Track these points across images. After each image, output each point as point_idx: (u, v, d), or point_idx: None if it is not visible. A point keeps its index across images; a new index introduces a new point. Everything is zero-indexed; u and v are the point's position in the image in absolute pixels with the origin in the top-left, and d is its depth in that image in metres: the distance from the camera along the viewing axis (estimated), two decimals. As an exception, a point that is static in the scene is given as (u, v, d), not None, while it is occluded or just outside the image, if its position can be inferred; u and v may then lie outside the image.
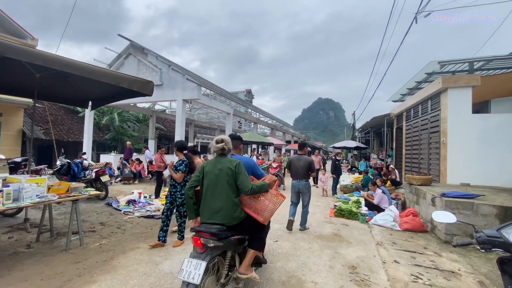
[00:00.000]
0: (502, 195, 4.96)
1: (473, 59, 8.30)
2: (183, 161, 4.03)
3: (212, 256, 2.19)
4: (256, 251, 2.59)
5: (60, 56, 3.11)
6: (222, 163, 2.52)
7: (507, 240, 1.57)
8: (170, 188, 4.13)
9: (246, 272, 2.47)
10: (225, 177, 2.44)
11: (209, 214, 2.39)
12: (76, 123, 17.17)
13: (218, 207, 2.38)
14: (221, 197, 2.41)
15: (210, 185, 2.47)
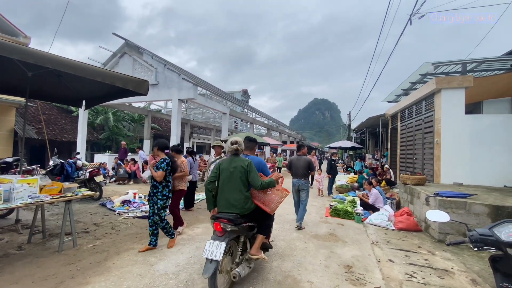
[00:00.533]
0: (494, 195, 5.03)
1: (466, 60, 8.41)
2: (165, 159, 3.81)
3: (230, 239, 2.61)
4: (264, 236, 3.02)
5: (52, 54, 3.06)
6: (236, 161, 2.96)
7: (498, 239, 1.59)
8: (151, 189, 3.86)
9: (256, 253, 2.90)
10: (238, 174, 2.86)
11: (225, 204, 2.83)
12: (70, 122, 16.96)
13: (233, 199, 2.81)
14: (235, 191, 2.83)
15: (225, 180, 2.90)
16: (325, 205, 7.28)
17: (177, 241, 4.14)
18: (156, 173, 3.72)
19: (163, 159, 3.81)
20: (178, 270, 3.15)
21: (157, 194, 3.78)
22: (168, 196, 3.87)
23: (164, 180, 3.82)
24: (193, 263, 3.35)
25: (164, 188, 3.82)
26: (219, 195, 2.92)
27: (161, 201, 3.75)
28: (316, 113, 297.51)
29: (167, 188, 3.87)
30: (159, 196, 3.77)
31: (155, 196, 3.78)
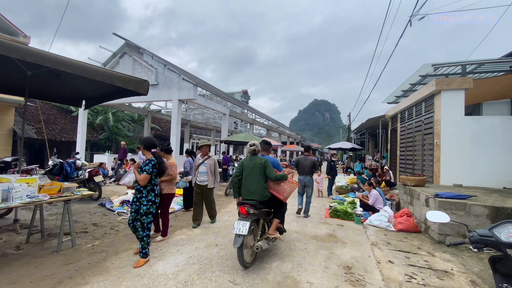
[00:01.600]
0: (493, 196, 5.03)
1: (466, 62, 8.43)
2: (151, 160, 3.40)
3: (252, 220, 3.32)
4: (278, 220, 3.77)
5: (52, 54, 3.05)
6: (255, 160, 3.71)
7: (498, 239, 1.59)
8: (135, 194, 3.46)
9: (273, 233, 3.66)
10: (257, 169, 3.61)
11: (248, 193, 3.56)
12: (70, 122, 16.93)
13: (253, 189, 3.54)
14: (255, 182, 3.57)
15: (247, 175, 3.64)
16: (324, 206, 7.27)
17: (176, 242, 4.14)
18: (140, 176, 3.30)
19: (149, 159, 3.42)
20: (177, 270, 3.14)
21: (141, 199, 3.37)
22: (154, 202, 3.43)
23: (149, 184, 3.39)
24: (192, 264, 3.34)
25: (150, 193, 3.40)
26: (243, 186, 3.65)
27: (145, 206, 3.34)
28: (316, 114, 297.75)
29: (153, 193, 3.44)
30: (143, 201, 3.35)
31: (139, 202, 3.38)
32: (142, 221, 3.33)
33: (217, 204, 7.13)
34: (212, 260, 3.47)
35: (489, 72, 9.00)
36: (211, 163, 5.05)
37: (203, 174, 5.01)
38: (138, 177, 3.34)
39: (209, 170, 4.99)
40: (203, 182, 5.00)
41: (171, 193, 4.33)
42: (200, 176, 5.03)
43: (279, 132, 28.20)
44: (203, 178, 5.01)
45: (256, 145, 3.80)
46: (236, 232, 3.17)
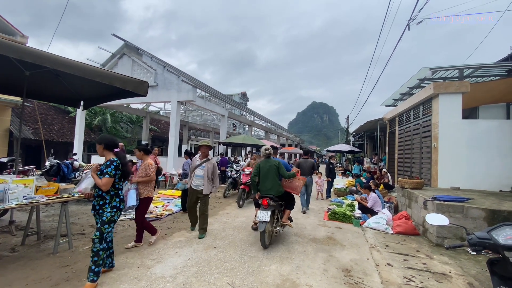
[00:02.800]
0: (490, 199, 5.06)
1: (463, 66, 8.51)
2: (112, 161, 2.91)
3: (271, 210, 4.04)
4: (289, 211, 4.66)
5: (51, 54, 3.04)
6: (269, 162, 4.44)
7: (496, 242, 1.60)
8: (95, 201, 2.93)
9: (285, 221, 4.53)
10: (272, 170, 4.33)
11: (265, 190, 4.27)
12: (67, 123, 16.84)
13: (270, 186, 4.27)
14: (271, 180, 4.30)
15: (264, 175, 4.35)
16: (323, 208, 7.27)
17: (174, 244, 4.11)
18: (101, 181, 2.82)
19: (110, 160, 2.93)
20: (176, 273, 3.12)
21: (104, 206, 2.87)
22: (119, 208, 2.98)
23: (113, 188, 2.94)
24: (191, 266, 3.32)
25: (114, 198, 2.94)
26: (261, 184, 4.37)
27: (108, 213, 2.87)
28: (314, 116, 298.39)
29: (118, 198, 2.99)
30: (106, 208, 2.87)
31: (102, 209, 2.87)
32: (102, 230, 2.79)
33: (215, 206, 7.12)
34: (210, 262, 3.45)
35: (485, 76, 9.08)
36: (210, 167, 4.51)
37: (199, 178, 4.51)
38: (99, 181, 2.83)
39: (206, 174, 4.44)
40: (198, 186, 4.51)
41: (150, 197, 4.03)
42: (196, 180, 4.53)
43: (277, 134, 28.23)
44: (199, 183, 4.51)
45: (270, 149, 4.61)
46: (260, 219, 3.89)
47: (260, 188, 4.38)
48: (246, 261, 3.52)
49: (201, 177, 4.50)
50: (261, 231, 3.86)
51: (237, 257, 3.63)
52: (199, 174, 4.52)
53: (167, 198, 7.52)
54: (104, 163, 2.94)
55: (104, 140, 3.03)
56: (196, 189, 4.53)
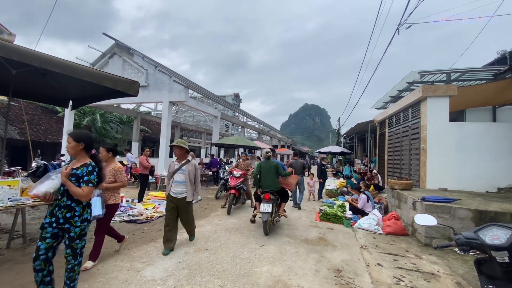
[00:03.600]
0: (477, 200, 5.20)
1: (451, 70, 8.74)
2: (94, 167, 2.45)
3: (272, 203, 4.86)
4: (285, 203, 5.49)
5: (39, 52, 2.97)
6: (269, 163, 5.27)
7: (483, 242, 1.63)
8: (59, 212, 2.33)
9: (282, 212, 5.38)
10: (272, 169, 5.17)
11: (266, 186, 5.11)
12: (55, 123, 16.45)
13: (270, 183, 5.12)
14: (270, 178, 5.14)
15: (264, 173, 5.18)
16: (315, 209, 7.32)
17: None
18: (81, 190, 2.32)
19: (90, 165, 2.43)
20: (166, 275, 3.08)
21: (73, 220, 2.34)
22: (89, 220, 2.50)
23: None
24: (182, 269, 3.28)
25: (86, 210, 2.45)
26: (262, 181, 5.17)
27: (78, 228, 2.36)
28: (306, 118, 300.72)
29: (89, 209, 2.52)
30: (76, 222, 2.35)
31: (69, 223, 2.32)
32: (75, 247, 2.36)
33: (207, 207, 7.07)
34: (202, 264, 3.42)
35: (472, 80, 9.36)
36: (191, 170, 3.95)
37: (180, 184, 3.89)
38: (79, 191, 2.31)
39: (187, 178, 3.89)
40: (180, 194, 3.89)
41: (117, 204, 3.65)
42: (176, 187, 3.89)
43: (270, 135, 28.31)
44: (179, 189, 3.89)
45: (270, 152, 5.55)
46: (263, 210, 4.75)
47: (261, 184, 5.17)
48: (238, 263, 3.51)
49: (181, 183, 3.89)
50: (264, 220, 4.71)
51: (228, 259, 3.61)
52: (180, 180, 3.90)
53: (158, 200, 7.42)
54: (80, 167, 2.40)
55: (85, 139, 2.49)
56: (177, 197, 3.88)
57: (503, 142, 6.57)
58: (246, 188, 7.29)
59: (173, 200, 3.92)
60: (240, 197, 6.99)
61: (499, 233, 1.61)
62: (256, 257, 3.72)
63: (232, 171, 7.26)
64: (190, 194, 3.94)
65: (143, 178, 7.25)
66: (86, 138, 2.51)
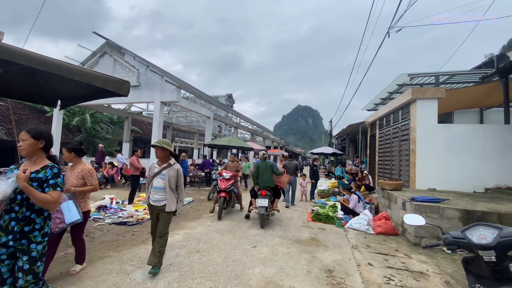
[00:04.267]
0: (465, 199, 5.32)
1: (439, 73, 8.95)
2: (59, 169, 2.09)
3: (268, 198, 5.47)
4: (278, 199, 6.31)
5: (26, 50, 2.88)
6: (266, 163, 6.09)
7: (470, 241, 1.66)
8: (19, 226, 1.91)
9: (275, 207, 6.13)
10: (268, 168, 6.00)
11: (263, 182, 5.83)
12: (43, 123, 16.03)
13: (267, 179, 5.87)
14: (267, 175, 5.92)
15: (262, 172, 5.96)
16: (307, 210, 7.35)
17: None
18: (49, 196, 1.92)
19: (55, 167, 2.08)
20: (157, 278, 3.03)
21: (32, 234, 1.95)
22: (48, 234, 2.09)
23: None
24: (173, 271, 3.24)
25: (46, 222, 2.07)
26: (260, 178, 5.93)
27: (39, 245, 1.97)
28: (299, 119, 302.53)
29: (49, 221, 2.13)
30: (36, 238, 1.96)
31: (27, 238, 1.92)
32: (35, 271, 1.94)
33: (199, 209, 7.01)
34: (193, 267, 3.38)
35: (460, 83, 9.60)
36: (172, 175, 3.33)
37: (159, 190, 3.31)
38: (46, 197, 1.90)
39: (167, 184, 3.29)
40: (158, 201, 3.30)
41: (88, 210, 3.34)
42: (155, 193, 3.33)
43: (263, 136, 28.33)
44: (158, 196, 3.31)
45: (266, 154, 6.64)
46: (260, 205, 5.37)
47: (259, 181, 5.92)
48: (229, 264, 3.49)
49: (161, 189, 3.32)
50: (261, 213, 5.35)
51: (220, 261, 3.59)
52: (159, 186, 3.33)
53: (149, 201, 7.32)
54: (41, 170, 2.01)
55: (46, 136, 2.10)
56: (155, 205, 3.32)
57: (490, 143, 6.75)
58: (237, 191, 6.91)
59: (152, 210, 3.39)
60: (231, 200, 6.60)
61: (486, 232, 1.65)
62: (248, 258, 3.71)
63: (222, 173, 6.83)
64: (170, 203, 3.29)
65: (134, 179, 7.14)
66: (47, 135, 2.12)
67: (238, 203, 7.11)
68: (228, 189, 6.35)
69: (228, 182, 6.44)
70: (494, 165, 6.67)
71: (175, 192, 3.40)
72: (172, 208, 3.30)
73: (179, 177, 3.42)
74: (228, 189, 6.33)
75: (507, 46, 25.92)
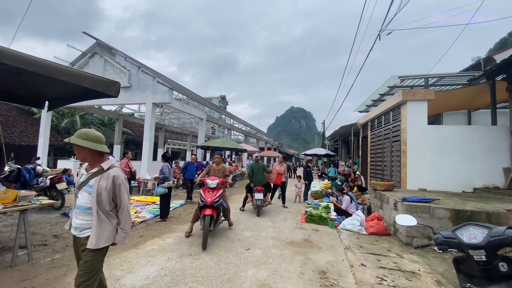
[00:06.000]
0: (454, 199, 5.42)
1: (428, 75, 9.12)
2: None
3: (262, 193, 6.86)
4: (269, 193, 7.84)
5: (11, 50, 2.79)
6: (259, 164, 7.36)
7: (461, 241, 1.68)
8: None
9: (268, 200, 7.63)
10: (261, 169, 7.24)
11: (257, 180, 7.02)
12: (31, 125, 15.66)
13: (260, 177, 7.10)
14: (260, 175, 7.13)
15: (256, 171, 7.17)
16: (300, 211, 7.36)
17: (147, 252, 3.92)
18: None
19: None
20: (147, 283, 2.97)
21: None
22: None
23: None
24: (164, 275, 3.17)
25: None
26: (254, 177, 7.08)
27: None
28: (292, 121, 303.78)
29: None
30: None
31: None
32: None
33: (192, 212, 6.91)
34: (185, 271, 3.33)
35: (449, 85, 9.81)
36: (104, 187, 2.05)
37: (82, 212, 2.08)
38: None
39: (95, 202, 2.03)
40: (80, 231, 2.08)
41: None
42: (76, 216, 2.11)
43: (256, 138, 28.31)
44: (79, 221, 2.08)
45: (259, 156, 8.17)
46: (257, 198, 6.70)
47: (254, 180, 7.08)
48: (222, 267, 3.45)
49: (84, 211, 2.07)
50: (259, 204, 6.66)
51: (213, 264, 3.54)
52: (82, 204, 2.08)
53: (140, 204, 7.20)
54: None
55: None
56: (76, 235, 2.11)
57: (478, 144, 6.90)
58: (226, 205, 5.05)
59: (75, 242, 2.15)
60: (219, 218, 4.79)
61: (476, 232, 1.66)
62: (241, 261, 3.67)
63: (205, 180, 4.88)
64: (97, 234, 2.00)
65: (125, 182, 7.01)
66: None
67: (226, 219, 5.25)
68: (216, 203, 4.50)
69: (215, 193, 4.62)
70: (482, 165, 6.82)
71: (111, 216, 2.10)
72: (99, 243, 1.99)
73: (118, 191, 2.08)
74: (216, 203, 4.49)
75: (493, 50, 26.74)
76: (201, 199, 4.59)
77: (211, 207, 4.45)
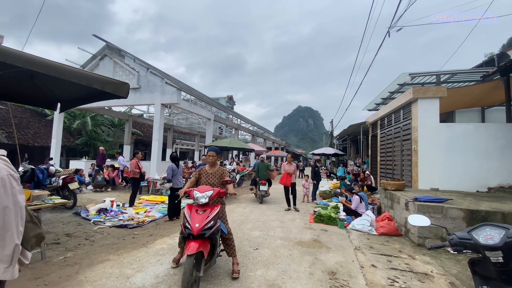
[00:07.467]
0: (468, 199, 5.26)
1: (440, 72, 8.89)
2: None
3: (266, 186, 8.48)
4: (270, 187, 8.77)
5: (24, 53, 2.87)
6: (263, 164, 8.95)
7: (477, 242, 1.62)
8: None
9: (268, 191, 8.64)
10: (265, 167, 8.77)
11: (262, 175, 8.60)
12: (44, 126, 16.08)
13: (264, 174, 8.59)
14: (264, 171, 8.63)
15: (261, 169, 8.73)
16: (309, 211, 7.30)
17: (156, 251, 3.96)
18: None
19: None
20: (157, 282, 2.99)
21: None
22: None
23: None
24: (173, 274, 3.19)
25: None
26: (260, 173, 8.59)
27: None
28: (300, 120, 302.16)
29: None
30: None
31: None
32: None
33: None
34: (194, 269, 3.34)
35: (461, 82, 9.54)
36: None
37: None
38: None
39: None
40: None
41: None
42: None
43: (264, 137, 28.28)
44: None
45: (264, 157, 11.57)
46: (261, 189, 8.32)
47: (259, 175, 8.55)
48: (231, 267, 3.44)
49: None
50: (263, 194, 8.34)
51: (221, 263, 3.54)
52: None
53: (149, 204, 7.29)
54: None
55: None
56: None
57: (492, 142, 6.69)
58: (227, 231, 3.30)
59: None
60: (214, 254, 3.04)
61: (493, 233, 1.60)
62: (249, 261, 3.67)
63: (191, 192, 3.05)
64: None
65: (134, 182, 7.10)
66: None
67: (230, 255, 3.34)
68: (209, 230, 2.74)
69: (206, 213, 2.86)
70: (497, 164, 6.60)
71: None
72: None
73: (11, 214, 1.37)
74: (208, 230, 2.73)
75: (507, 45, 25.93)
76: (184, 223, 2.82)
77: (199, 238, 2.68)
